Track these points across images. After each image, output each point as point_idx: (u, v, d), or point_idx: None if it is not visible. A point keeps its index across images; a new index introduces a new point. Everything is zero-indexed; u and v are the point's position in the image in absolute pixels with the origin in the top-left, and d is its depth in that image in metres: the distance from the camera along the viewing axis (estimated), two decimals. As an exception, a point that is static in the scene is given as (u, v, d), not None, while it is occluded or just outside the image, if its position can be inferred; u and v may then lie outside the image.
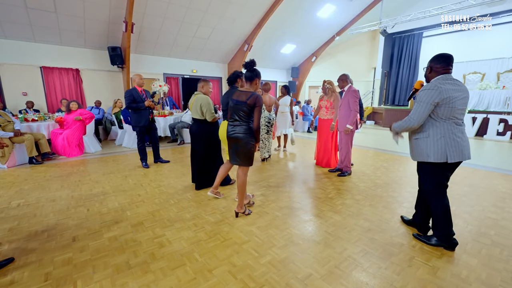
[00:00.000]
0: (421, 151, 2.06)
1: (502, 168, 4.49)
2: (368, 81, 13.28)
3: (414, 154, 2.16)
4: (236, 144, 2.51)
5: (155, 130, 4.74)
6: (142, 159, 4.60)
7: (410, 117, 2.04)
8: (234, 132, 2.49)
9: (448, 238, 2.08)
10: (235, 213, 2.69)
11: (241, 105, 2.43)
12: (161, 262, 1.96)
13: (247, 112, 2.45)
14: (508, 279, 1.78)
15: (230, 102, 2.55)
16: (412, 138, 2.16)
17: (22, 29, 6.38)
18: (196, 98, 3.26)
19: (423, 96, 1.95)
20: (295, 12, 8.97)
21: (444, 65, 1.98)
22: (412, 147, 2.17)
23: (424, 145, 2.03)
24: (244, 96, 2.44)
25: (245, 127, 2.47)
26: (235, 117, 2.50)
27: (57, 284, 1.74)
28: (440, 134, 1.97)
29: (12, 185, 3.67)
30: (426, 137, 2.02)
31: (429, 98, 1.92)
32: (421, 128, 2.06)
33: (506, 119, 7.60)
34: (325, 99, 4.39)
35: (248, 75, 2.53)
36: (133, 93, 4.30)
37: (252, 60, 2.57)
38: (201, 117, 3.23)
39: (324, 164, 4.58)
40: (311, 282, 1.75)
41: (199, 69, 10.29)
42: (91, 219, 2.67)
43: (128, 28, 6.68)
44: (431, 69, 2.05)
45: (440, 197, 2.08)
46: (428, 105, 1.93)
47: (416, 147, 2.10)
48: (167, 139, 7.39)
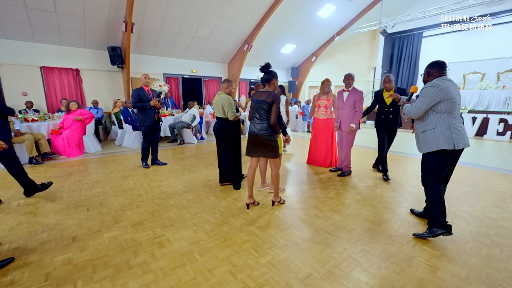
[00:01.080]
0: (429, 142, 2.22)
1: (502, 168, 4.49)
2: (368, 81, 13.27)
3: (421, 146, 2.32)
4: (258, 142, 2.73)
5: (158, 131, 4.74)
6: (143, 159, 4.60)
7: (412, 107, 2.29)
8: (256, 130, 2.74)
9: (444, 223, 2.21)
10: (272, 202, 2.96)
11: (261, 103, 2.67)
12: (161, 262, 1.96)
13: (266, 110, 2.67)
14: (508, 279, 1.78)
15: (252, 103, 2.79)
16: (419, 132, 2.32)
17: (22, 29, 6.38)
18: (219, 97, 3.40)
19: (425, 92, 2.18)
20: (295, 12, 8.97)
21: (439, 69, 2.24)
22: (419, 140, 2.33)
23: (433, 135, 2.20)
24: (264, 95, 2.68)
25: (265, 124, 2.70)
26: (256, 115, 2.75)
27: (57, 284, 1.74)
28: (445, 125, 2.16)
29: (12, 185, 3.68)
30: (433, 128, 2.20)
31: (431, 95, 2.14)
32: (427, 122, 2.25)
33: (506, 119, 7.61)
34: (324, 99, 4.39)
35: (266, 77, 2.77)
36: (140, 92, 4.33)
37: (267, 63, 2.79)
38: (223, 116, 3.39)
39: (322, 164, 4.60)
40: (311, 282, 1.75)
41: (199, 69, 10.29)
42: (91, 219, 2.67)
43: (128, 28, 6.68)
44: (428, 74, 2.31)
45: (438, 186, 2.26)
46: (429, 101, 2.15)
47: (424, 139, 2.26)
48: (167, 139, 7.39)
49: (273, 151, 2.74)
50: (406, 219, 2.65)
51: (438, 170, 2.24)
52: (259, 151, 2.77)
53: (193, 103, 7.47)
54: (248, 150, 2.83)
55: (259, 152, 2.78)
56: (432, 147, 2.20)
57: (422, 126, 2.28)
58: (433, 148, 2.19)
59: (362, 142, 7.17)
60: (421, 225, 2.52)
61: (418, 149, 2.37)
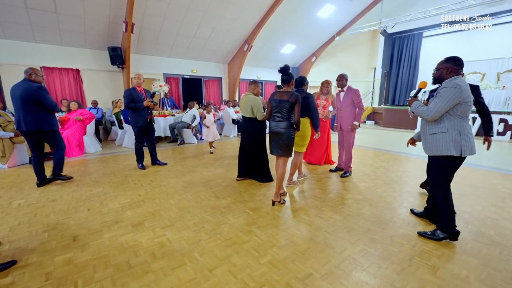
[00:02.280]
0: (439, 145, 2.13)
1: (502, 168, 4.50)
2: (368, 81, 13.28)
3: (428, 148, 2.23)
4: (279, 138, 2.87)
5: (153, 132, 4.67)
6: (138, 160, 4.55)
7: (429, 109, 2.10)
8: (278, 127, 2.88)
9: (452, 228, 2.19)
10: (272, 202, 2.98)
11: (284, 103, 2.82)
12: (162, 261, 1.97)
13: (288, 109, 2.82)
14: (508, 279, 1.78)
15: (273, 103, 2.92)
16: (427, 133, 2.22)
17: (23, 29, 6.38)
18: (246, 98, 3.54)
19: (446, 93, 2.02)
20: (295, 12, 8.97)
21: (461, 68, 2.10)
22: (427, 141, 2.24)
23: (443, 140, 2.11)
24: (286, 95, 2.83)
25: (287, 122, 2.84)
26: (278, 114, 2.89)
27: (57, 284, 1.74)
28: (457, 129, 2.07)
29: (12, 185, 3.68)
30: (444, 131, 2.10)
31: (452, 96, 2.00)
32: (438, 124, 2.13)
33: (506, 119, 7.60)
34: (323, 99, 4.42)
35: (285, 78, 2.92)
36: (132, 92, 4.26)
37: (286, 65, 2.96)
38: (251, 116, 3.54)
39: (318, 162, 4.74)
40: (311, 282, 1.75)
41: (199, 69, 10.30)
42: (92, 219, 2.67)
43: (128, 28, 6.69)
44: (449, 70, 2.12)
45: (446, 190, 2.20)
46: (449, 103, 2.01)
47: (433, 142, 2.17)
48: (167, 139, 7.40)
49: (290, 149, 2.89)
50: (406, 219, 2.65)
51: (444, 174, 2.19)
52: (278, 148, 2.89)
53: (193, 103, 7.48)
54: (272, 149, 2.98)
55: (278, 149, 2.90)
56: (441, 151, 2.13)
57: (432, 128, 2.18)
58: (442, 153, 2.12)
59: (362, 142, 7.17)
60: (421, 225, 2.53)
61: (424, 150, 2.30)
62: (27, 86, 3.29)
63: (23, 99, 3.27)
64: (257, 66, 12.09)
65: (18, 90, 3.30)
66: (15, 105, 3.34)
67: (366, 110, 11.88)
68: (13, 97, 3.33)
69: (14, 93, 3.33)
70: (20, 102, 3.29)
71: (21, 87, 3.29)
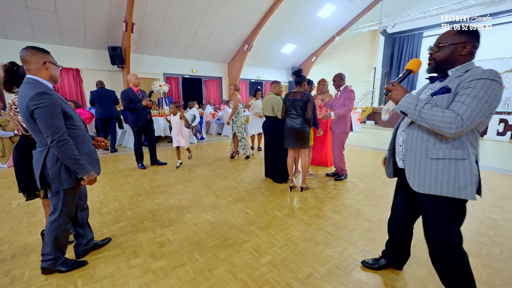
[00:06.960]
0: (450, 180, 1.27)
1: (502, 168, 4.49)
2: (368, 81, 13.27)
3: (426, 181, 1.32)
4: (295, 132, 3.21)
5: (153, 131, 4.68)
6: (138, 160, 4.55)
7: (460, 114, 1.15)
8: (294, 123, 3.22)
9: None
10: (301, 188, 3.42)
11: (298, 102, 3.17)
12: (162, 261, 1.97)
13: (302, 107, 3.17)
14: (508, 279, 1.78)
15: (288, 102, 3.25)
16: (426, 156, 1.32)
17: (23, 29, 6.38)
18: (268, 98, 3.72)
19: (489, 88, 1.14)
20: (295, 12, 8.97)
21: (478, 46, 1.34)
22: (426, 169, 1.32)
23: (461, 171, 1.25)
24: (299, 95, 3.19)
25: (301, 119, 3.20)
26: (293, 112, 3.23)
27: (57, 283, 1.74)
28: (475, 154, 1.28)
29: (12, 185, 3.68)
30: (463, 158, 1.25)
31: (498, 96, 1.16)
32: (452, 142, 1.26)
33: (506, 119, 7.60)
34: (319, 99, 4.40)
35: (297, 80, 3.27)
36: (130, 93, 4.23)
37: (299, 68, 3.29)
38: (273, 115, 3.69)
39: (316, 162, 4.75)
40: (311, 282, 1.75)
41: (199, 69, 10.30)
42: (92, 218, 2.66)
43: (128, 28, 6.68)
44: (467, 46, 1.33)
45: (459, 250, 1.40)
46: (492, 107, 1.17)
47: (438, 172, 1.29)
48: (167, 139, 7.39)
49: (307, 142, 3.24)
50: (406, 219, 2.65)
51: (458, 227, 1.36)
52: (296, 142, 3.23)
53: (193, 103, 7.49)
54: (287, 142, 3.31)
55: (295, 143, 3.24)
56: (452, 191, 1.26)
57: (439, 149, 1.29)
58: (454, 194, 1.26)
59: (362, 142, 7.17)
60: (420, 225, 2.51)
61: (410, 183, 1.37)
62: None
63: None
64: (258, 66, 12.08)
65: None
66: None
67: (366, 110, 11.88)
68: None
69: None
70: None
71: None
